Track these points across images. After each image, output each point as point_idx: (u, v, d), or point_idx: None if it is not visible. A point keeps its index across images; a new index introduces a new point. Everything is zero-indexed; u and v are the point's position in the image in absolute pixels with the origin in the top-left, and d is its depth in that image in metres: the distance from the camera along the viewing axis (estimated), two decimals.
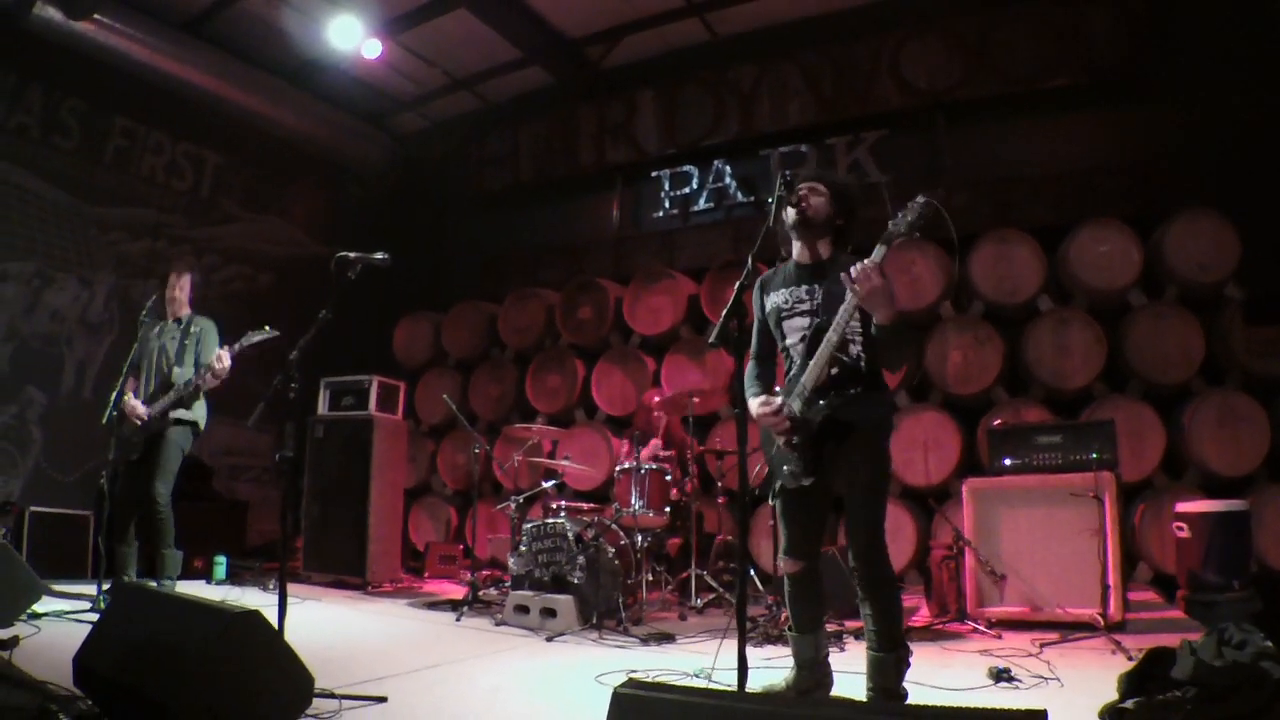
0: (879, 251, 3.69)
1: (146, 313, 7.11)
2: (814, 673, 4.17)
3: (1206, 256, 7.78)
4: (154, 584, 6.58)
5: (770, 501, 4.12)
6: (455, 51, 11.10)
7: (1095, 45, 8.68)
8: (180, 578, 6.93)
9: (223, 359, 6.64)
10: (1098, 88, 8.78)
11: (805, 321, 3.98)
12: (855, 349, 3.91)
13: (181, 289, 7.18)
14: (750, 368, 4.21)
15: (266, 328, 6.55)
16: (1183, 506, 6.56)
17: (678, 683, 4.41)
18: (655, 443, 8.20)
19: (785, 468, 3.95)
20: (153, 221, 10.59)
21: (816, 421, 3.86)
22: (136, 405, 6.84)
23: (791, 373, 4.03)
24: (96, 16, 8.98)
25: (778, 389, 4.06)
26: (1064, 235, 8.35)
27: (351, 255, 4.84)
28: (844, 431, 3.85)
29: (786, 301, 4.06)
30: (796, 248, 4.16)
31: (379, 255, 4.94)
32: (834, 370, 3.84)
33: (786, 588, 4.20)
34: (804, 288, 4.04)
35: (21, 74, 9.22)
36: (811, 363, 3.83)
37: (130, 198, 10.36)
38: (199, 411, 7.02)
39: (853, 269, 3.65)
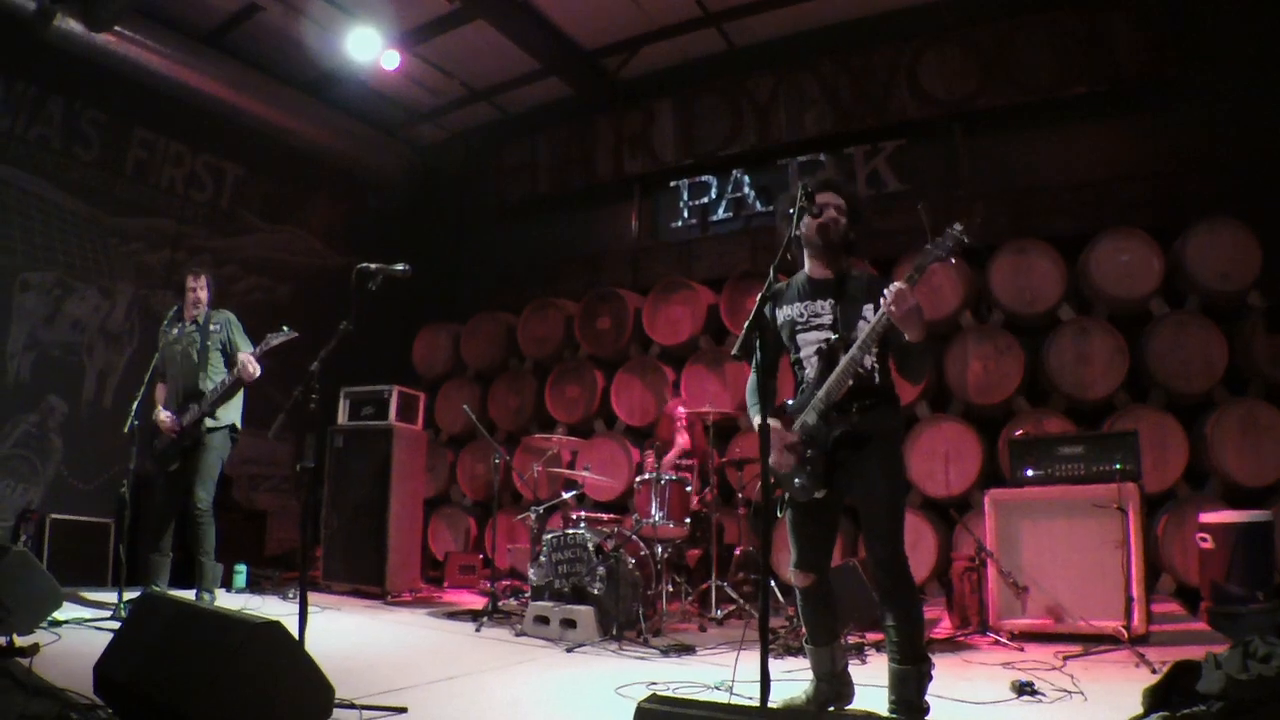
0: (915, 275, 3.68)
1: (168, 322, 7.18)
2: (833, 685, 4.15)
3: (1228, 265, 7.73)
4: (192, 594, 6.66)
5: (779, 514, 4.10)
6: (473, 63, 11.14)
7: (1115, 53, 8.64)
8: None
9: (250, 367, 6.75)
10: (1118, 96, 8.75)
11: (821, 335, 3.98)
12: (870, 361, 3.90)
13: (203, 289, 7.25)
14: (753, 380, 4.18)
15: (285, 328, 6.58)
16: (1206, 517, 6.51)
17: (698, 695, 4.42)
18: (681, 443, 8.19)
19: (796, 481, 3.93)
20: (172, 232, 10.64)
21: (833, 435, 3.85)
22: (168, 419, 6.89)
23: (804, 386, 4.02)
24: (117, 28, 9.06)
25: (789, 401, 4.05)
26: (1084, 244, 8.31)
27: (372, 266, 4.84)
28: (859, 443, 3.85)
29: (802, 315, 4.05)
30: (811, 263, 4.15)
31: (400, 266, 4.94)
32: (849, 383, 3.83)
33: (799, 601, 4.19)
34: (819, 302, 4.03)
35: (42, 86, 9.28)
36: (831, 377, 3.83)
37: (150, 208, 10.42)
38: (234, 413, 7.09)
39: (887, 291, 3.65)
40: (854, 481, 3.91)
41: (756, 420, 3.72)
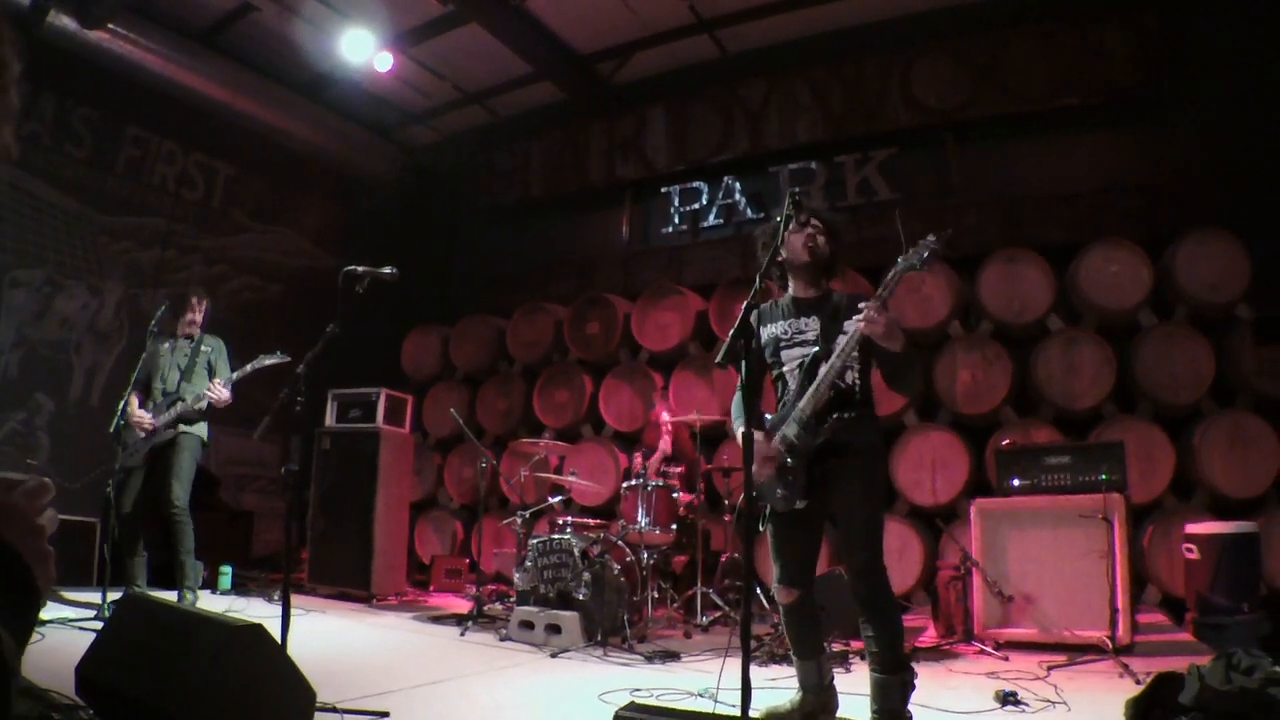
0: (886, 292, 3.71)
1: (156, 323, 7.18)
2: (820, 696, 4.13)
3: (1217, 277, 7.75)
4: (175, 595, 6.67)
5: (761, 528, 4.10)
6: (466, 66, 11.15)
7: (1108, 64, 8.66)
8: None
9: (215, 395, 6.99)
10: (1109, 107, 8.78)
11: (804, 350, 4.03)
12: (851, 375, 3.95)
13: (202, 313, 7.47)
14: (738, 398, 4.19)
15: (278, 352, 6.68)
16: (1192, 528, 6.53)
17: (680, 703, 4.41)
18: (663, 448, 8.22)
19: (778, 491, 3.94)
20: (163, 231, 10.61)
21: (814, 445, 3.86)
22: (144, 416, 6.95)
23: (786, 398, 4.04)
24: (110, 26, 9.04)
25: (768, 416, 4.07)
26: (1074, 255, 8.32)
27: (359, 269, 4.85)
28: (840, 453, 3.88)
29: (786, 332, 4.11)
30: (795, 284, 4.20)
31: (387, 270, 4.95)
32: (830, 394, 3.86)
33: (783, 618, 4.19)
34: (803, 319, 4.09)
35: (34, 82, 9.24)
36: (811, 389, 3.86)
37: (141, 207, 10.38)
38: (203, 428, 7.18)
39: (859, 312, 3.71)
40: (834, 493, 3.93)
41: (739, 430, 3.73)
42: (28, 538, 1.20)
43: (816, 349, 3.95)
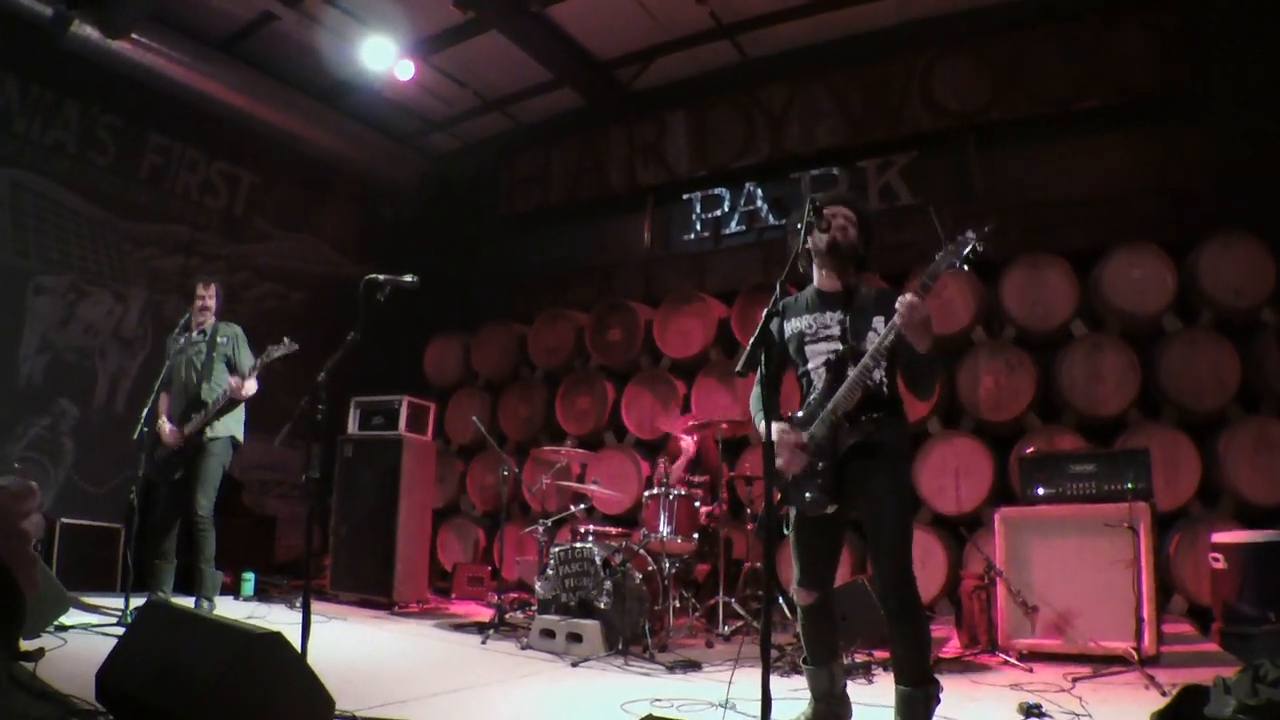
0: (928, 283, 3.64)
1: (179, 331, 7.21)
2: (832, 706, 4.07)
3: (1242, 281, 7.67)
4: (192, 602, 6.66)
5: (785, 530, 4.05)
6: (487, 73, 11.17)
7: (1129, 66, 8.59)
8: None
9: (242, 390, 6.85)
10: (1132, 109, 8.70)
11: (830, 346, 3.95)
12: (879, 374, 3.87)
13: (211, 298, 7.30)
14: (757, 392, 4.08)
15: (285, 340, 6.61)
16: (1218, 537, 6.45)
17: (701, 713, 4.39)
18: (687, 450, 8.19)
19: (807, 495, 3.87)
20: (186, 238, 10.68)
21: (844, 446, 3.81)
22: (170, 431, 6.91)
23: (812, 397, 3.96)
24: (133, 35, 9.09)
25: (796, 414, 4.01)
26: (1097, 259, 8.25)
27: (380, 278, 4.86)
28: (868, 455, 3.81)
29: (810, 327, 4.03)
30: (820, 275, 4.13)
31: (408, 278, 4.95)
32: (858, 394, 3.79)
33: (801, 619, 4.12)
34: (829, 314, 4.01)
35: (58, 91, 9.34)
36: (841, 389, 3.78)
37: (164, 214, 10.46)
38: (235, 425, 7.11)
39: (900, 301, 3.62)
40: (861, 497, 3.85)
41: (761, 423, 3.67)
42: (10, 542, 1.20)
43: (842, 347, 3.90)
